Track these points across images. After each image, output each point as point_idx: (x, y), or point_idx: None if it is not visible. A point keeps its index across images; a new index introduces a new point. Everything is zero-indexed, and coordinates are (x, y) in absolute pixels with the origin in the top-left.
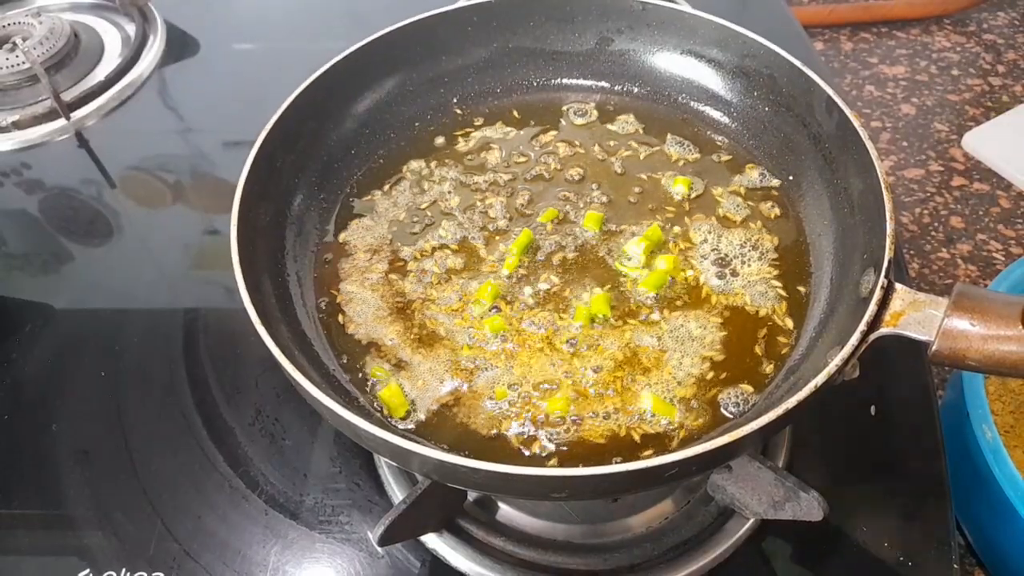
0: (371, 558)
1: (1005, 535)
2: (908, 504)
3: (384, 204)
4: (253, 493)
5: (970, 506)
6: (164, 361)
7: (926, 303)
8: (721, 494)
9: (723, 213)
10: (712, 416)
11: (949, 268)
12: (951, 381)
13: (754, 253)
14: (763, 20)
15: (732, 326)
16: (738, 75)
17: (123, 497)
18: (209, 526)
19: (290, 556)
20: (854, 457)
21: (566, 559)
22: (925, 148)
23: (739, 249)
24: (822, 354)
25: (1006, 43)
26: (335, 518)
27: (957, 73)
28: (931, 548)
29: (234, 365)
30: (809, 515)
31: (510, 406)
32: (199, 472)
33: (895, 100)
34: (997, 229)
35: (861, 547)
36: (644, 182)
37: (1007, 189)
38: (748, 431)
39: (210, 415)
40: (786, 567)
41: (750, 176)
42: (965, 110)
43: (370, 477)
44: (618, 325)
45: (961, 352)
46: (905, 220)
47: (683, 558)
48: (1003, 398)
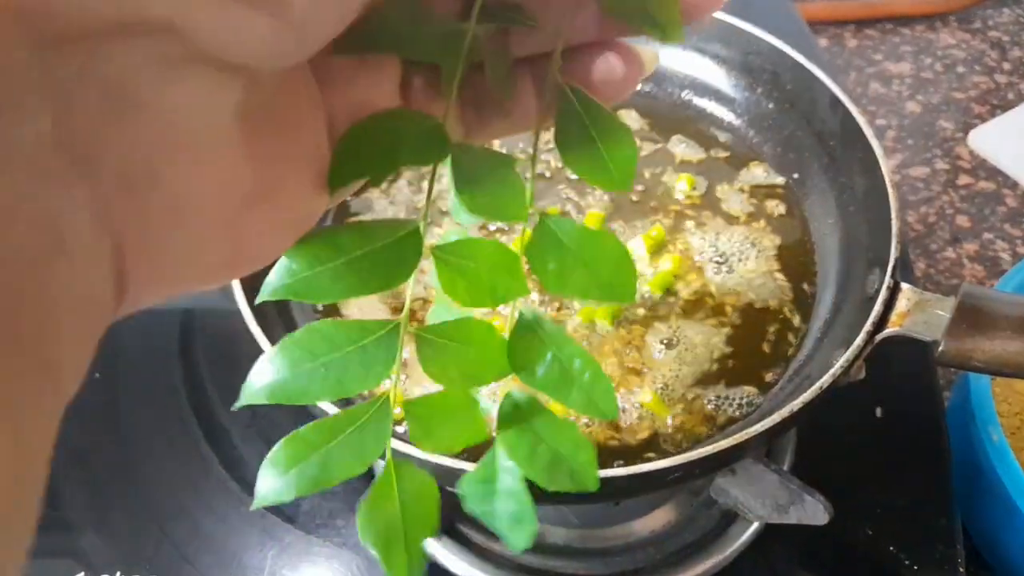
0: (368, 562)
1: (1011, 538)
2: (914, 507)
3: (382, 203)
4: (249, 496)
5: (976, 509)
6: (160, 362)
7: (932, 303)
8: (725, 497)
9: (727, 211)
10: (716, 418)
11: (955, 268)
12: (957, 383)
13: (758, 251)
14: (767, 17)
15: (737, 326)
16: (742, 72)
17: (119, 499)
18: (205, 529)
19: (286, 560)
20: (859, 459)
21: (567, 563)
22: (931, 146)
23: (743, 247)
24: (827, 355)
25: (1012, 40)
26: (332, 522)
27: (962, 70)
28: (937, 552)
29: (231, 366)
30: (814, 519)
31: None
32: (196, 474)
33: (900, 98)
34: (1003, 228)
35: (866, 551)
36: (647, 180)
37: (1013, 188)
38: (753, 433)
39: (206, 417)
40: (790, 571)
41: (754, 173)
42: (971, 108)
43: (367, 480)
44: (622, 326)
45: (967, 353)
46: (911, 219)
47: (686, 562)
48: (1009, 400)
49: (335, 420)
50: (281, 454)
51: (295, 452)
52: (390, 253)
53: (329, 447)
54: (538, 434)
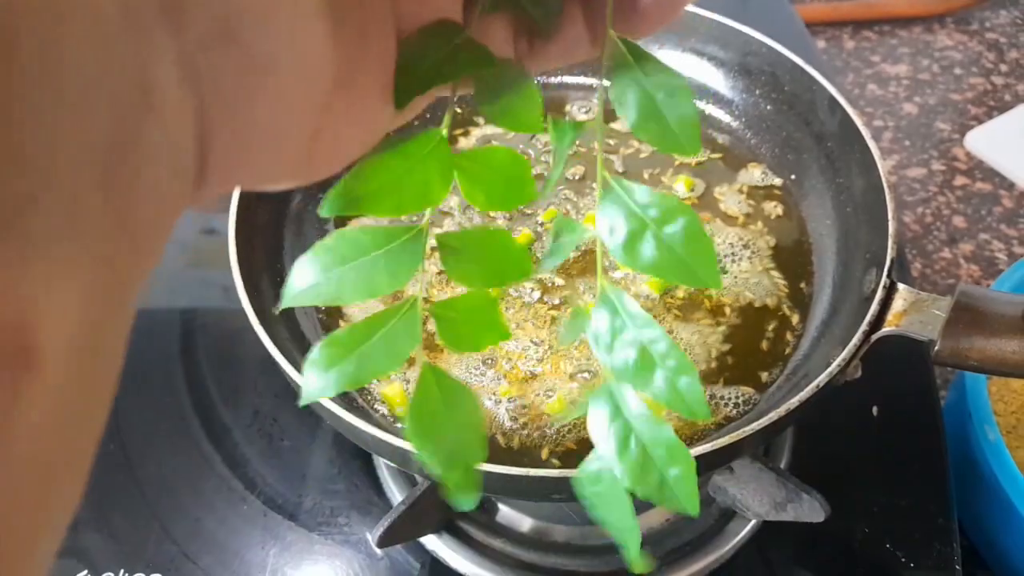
0: (370, 560)
1: (1008, 536)
2: (910, 505)
3: None
4: (251, 494)
5: (972, 507)
6: (161, 361)
7: (929, 303)
8: (722, 495)
9: (725, 212)
10: (713, 417)
11: (952, 268)
12: (953, 382)
13: (757, 252)
14: (765, 18)
15: (735, 325)
16: (740, 73)
17: (121, 498)
18: (207, 527)
19: (288, 558)
20: (856, 458)
21: (567, 561)
22: (928, 147)
23: (741, 247)
24: (825, 354)
25: (1009, 42)
26: (334, 519)
27: (960, 72)
28: (933, 549)
29: (232, 365)
30: (811, 516)
31: (511, 406)
32: (197, 473)
33: (897, 99)
34: (1000, 229)
35: (863, 548)
36: (645, 181)
37: (1010, 189)
38: (750, 432)
39: (208, 416)
40: (787, 568)
41: (752, 175)
42: (968, 109)
43: (369, 478)
44: None
45: (963, 352)
46: (908, 220)
47: (684, 560)
48: (1005, 399)
49: (368, 323)
50: (321, 356)
51: (334, 353)
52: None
53: (364, 347)
54: (633, 429)
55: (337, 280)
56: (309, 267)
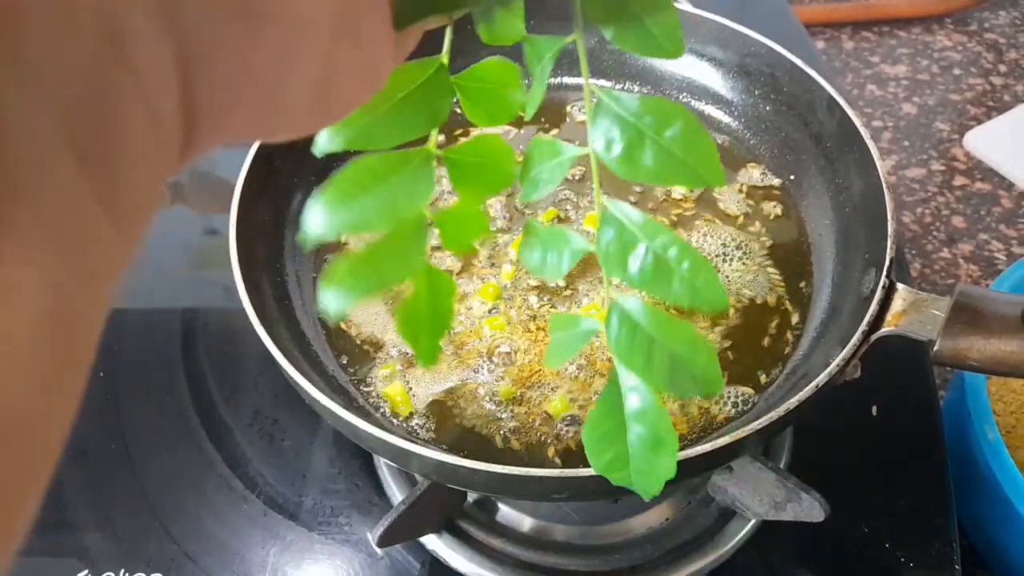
0: (370, 559)
1: (1007, 536)
2: (910, 505)
3: None
4: (252, 494)
5: (972, 507)
6: (163, 361)
7: (928, 303)
8: (722, 495)
9: (724, 212)
10: (713, 417)
11: (951, 268)
12: (953, 381)
13: (755, 252)
14: (764, 19)
15: (734, 325)
16: (739, 74)
17: (122, 498)
18: (208, 527)
19: (289, 557)
20: (855, 457)
21: (566, 560)
22: (927, 147)
23: (740, 247)
24: (824, 354)
25: (1007, 42)
26: (334, 519)
27: (959, 72)
28: (933, 549)
29: (233, 365)
30: (810, 516)
31: (511, 406)
32: (198, 473)
33: (896, 99)
34: (999, 229)
35: (862, 548)
36: None
37: (1009, 189)
38: (749, 431)
39: (209, 415)
40: (787, 568)
41: (751, 175)
42: (967, 109)
43: (369, 478)
44: None
45: (963, 352)
46: (907, 220)
47: (684, 559)
48: (1005, 399)
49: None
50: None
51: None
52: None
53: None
54: (652, 337)
55: (359, 208)
56: (331, 198)
